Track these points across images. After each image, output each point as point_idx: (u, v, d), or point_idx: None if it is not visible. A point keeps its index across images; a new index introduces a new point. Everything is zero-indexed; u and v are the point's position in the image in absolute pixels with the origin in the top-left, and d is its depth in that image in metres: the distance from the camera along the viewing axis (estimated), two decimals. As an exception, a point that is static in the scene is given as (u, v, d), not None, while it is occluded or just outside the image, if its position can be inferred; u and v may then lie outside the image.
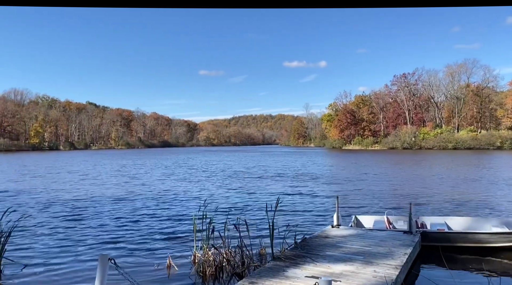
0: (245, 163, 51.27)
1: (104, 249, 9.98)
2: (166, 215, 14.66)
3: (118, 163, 51.88)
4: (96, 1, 2.08)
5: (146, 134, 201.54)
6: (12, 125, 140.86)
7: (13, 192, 21.52)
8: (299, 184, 25.06)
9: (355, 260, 7.34)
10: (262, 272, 6.74)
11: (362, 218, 11.31)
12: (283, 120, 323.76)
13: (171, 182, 27.16)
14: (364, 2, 2.32)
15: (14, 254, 9.39)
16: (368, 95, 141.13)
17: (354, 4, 2.30)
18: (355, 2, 2.32)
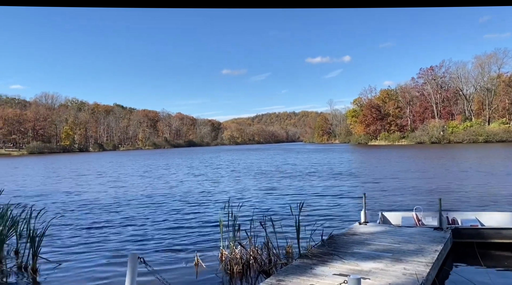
0: (270, 161, 51.25)
1: (133, 248, 10.20)
2: (192, 213, 14.84)
3: (145, 164, 52.88)
4: (98, 1, 2.10)
5: (172, 134, 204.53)
6: (44, 128, 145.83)
7: (46, 194, 22.28)
8: (325, 181, 24.85)
9: (384, 258, 7.22)
10: (289, 270, 6.71)
11: (389, 214, 11.09)
12: (307, 117, 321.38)
13: (197, 181, 27.47)
14: (368, 2, 2.30)
15: (49, 253, 9.72)
16: (394, 89, 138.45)
17: (357, 4, 2.29)
18: (358, 2, 2.31)
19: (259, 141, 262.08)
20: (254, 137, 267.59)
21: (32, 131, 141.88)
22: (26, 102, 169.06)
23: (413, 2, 2.25)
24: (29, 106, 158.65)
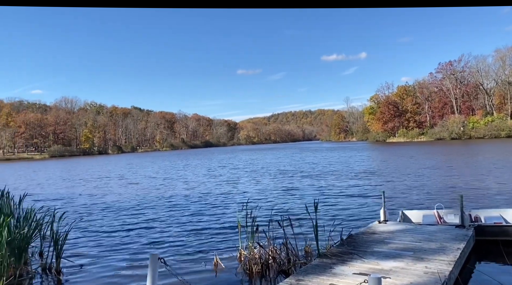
0: (287, 160, 51.13)
1: (153, 248, 10.32)
2: (211, 214, 14.92)
3: (163, 165, 53.44)
4: (99, 1, 2.12)
5: (188, 135, 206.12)
6: (64, 132, 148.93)
7: (68, 197, 22.75)
8: (343, 180, 24.65)
9: (405, 256, 7.11)
10: (308, 270, 6.69)
11: (410, 213, 10.93)
12: (323, 115, 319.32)
13: (215, 182, 27.61)
14: (370, 2, 2.29)
15: (72, 254, 9.92)
16: (412, 85, 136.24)
17: (360, 4, 2.29)
18: (361, 2, 2.30)
19: (275, 140, 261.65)
20: (270, 136, 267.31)
21: (53, 135, 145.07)
22: (46, 107, 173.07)
23: (414, 2, 2.25)
24: (50, 111, 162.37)
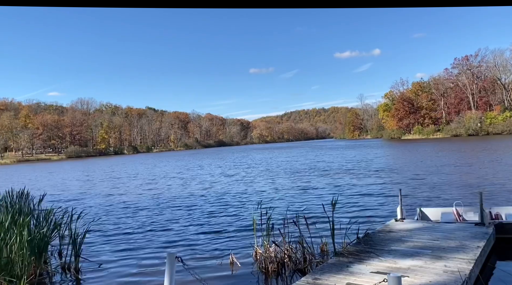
0: (301, 159, 50.96)
1: (170, 247, 10.39)
2: (226, 213, 14.96)
3: (178, 165, 53.83)
4: (99, 1, 2.12)
5: (202, 134, 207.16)
6: (81, 133, 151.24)
7: (86, 197, 23.10)
8: (359, 178, 24.43)
9: (423, 255, 7.01)
10: (325, 268, 6.64)
11: (428, 210, 10.75)
12: (337, 113, 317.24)
13: (230, 181, 27.68)
14: (371, 2, 2.29)
15: (90, 253, 10.07)
16: (427, 81, 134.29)
17: (360, 4, 2.29)
18: (362, 2, 2.30)
19: (288, 139, 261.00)
20: (283, 135, 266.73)
21: (69, 136, 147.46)
22: (63, 108, 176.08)
23: (414, 2, 2.25)
24: (66, 112, 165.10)
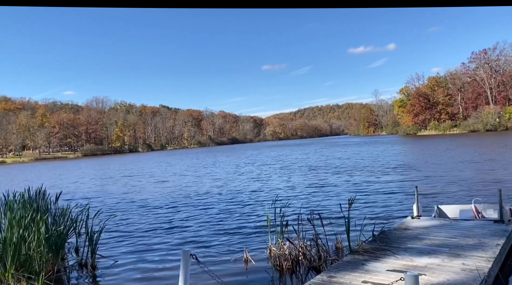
0: (315, 156, 50.74)
1: (184, 245, 10.45)
2: (240, 211, 14.99)
3: (192, 162, 54.17)
4: (99, 1, 2.11)
5: (215, 132, 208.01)
6: (96, 131, 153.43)
7: (102, 194, 23.42)
8: (374, 174, 24.19)
9: (440, 252, 6.89)
10: (340, 266, 6.58)
11: (445, 207, 10.56)
12: (351, 109, 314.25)
13: (244, 178, 27.72)
14: (372, 2, 2.30)
15: (106, 250, 10.20)
16: (443, 76, 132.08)
17: (360, 4, 2.29)
18: (362, 2, 2.31)
19: (302, 135, 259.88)
20: (296, 132, 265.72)
21: (85, 134, 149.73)
22: (78, 107, 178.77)
23: (415, 2, 2.25)
24: (82, 111, 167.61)
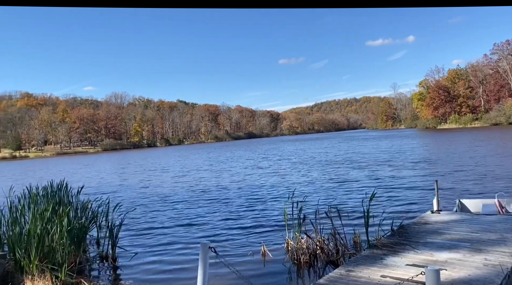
0: (333, 150, 50.37)
1: (203, 238, 10.55)
2: (258, 205, 15.03)
3: (209, 157, 54.50)
4: (99, 1, 2.12)
5: (232, 127, 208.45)
6: (115, 126, 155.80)
7: (122, 188, 23.81)
8: (394, 169, 23.89)
9: (461, 247, 6.76)
10: (358, 260, 6.54)
11: (468, 202, 10.34)
12: (369, 103, 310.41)
13: (261, 173, 27.76)
14: (369, 2, 2.31)
15: (126, 243, 10.38)
16: (464, 69, 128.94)
17: (359, 4, 2.30)
18: (361, 2, 2.33)
19: (319, 130, 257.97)
20: (313, 126, 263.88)
21: (104, 129, 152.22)
22: (98, 102, 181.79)
23: (416, 2, 2.25)
24: (101, 106, 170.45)
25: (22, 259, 7.16)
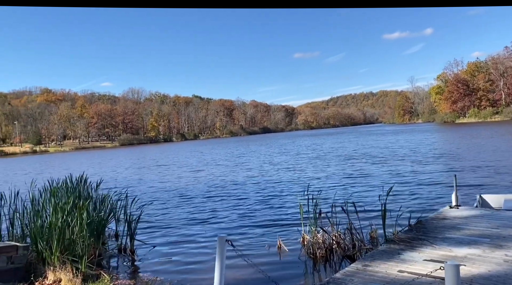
0: (350, 145, 49.98)
1: (219, 231, 10.63)
2: (274, 199, 15.06)
3: (225, 152, 54.74)
4: (99, 1, 2.14)
5: (247, 121, 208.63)
6: (132, 121, 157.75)
7: (138, 182, 24.15)
8: (412, 164, 23.57)
9: (481, 243, 6.66)
10: (375, 255, 6.50)
11: (488, 197, 10.13)
12: (386, 97, 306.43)
13: (278, 168, 27.75)
14: (369, 2, 2.31)
15: (144, 236, 10.54)
16: (484, 61, 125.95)
17: (358, 4, 2.30)
18: (360, 2, 2.33)
19: (334, 124, 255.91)
20: (329, 120, 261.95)
21: (122, 124, 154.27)
22: (115, 98, 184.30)
23: (416, 2, 2.25)
24: (118, 101, 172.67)
25: (44, 250, 7.34)
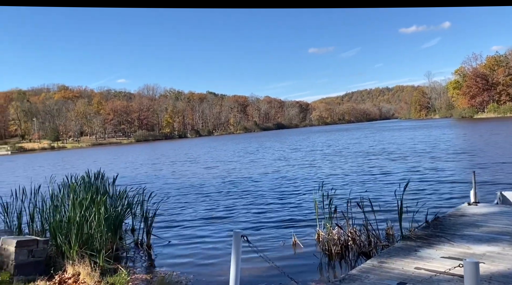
0: (366, 141, 49.52)
1: (235, 227, 10.67)
2: (289, 196, 15.04)
3: (239, 148, 54.88)
4: (99, 1, 2.14)
5: (261, 117, 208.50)
6: (148, 117, 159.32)
7: (155, 178, 24.41)
8: (429, 159, 23.24)
9: (500, 240, 6.53)
10: (391, 252, 6.45)
11: (510, 194, 9.90)
12: (402, 92, 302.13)
13: (292, 164, 27.71)
14: (371, 2, 2.31)
15: (160, 231, 10.66)
16: (504, 55, 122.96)
17: (358, 4, 2.30)
18: (360, 2, 2.33)
19: (349, 120, 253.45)
20: (344, 116, 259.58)
21: (137, 120, 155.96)
22: (131, 95, 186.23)
23: (416, 2, 2.25)
24: (134, 98, 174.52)
25: (63, 245, 7.50)
